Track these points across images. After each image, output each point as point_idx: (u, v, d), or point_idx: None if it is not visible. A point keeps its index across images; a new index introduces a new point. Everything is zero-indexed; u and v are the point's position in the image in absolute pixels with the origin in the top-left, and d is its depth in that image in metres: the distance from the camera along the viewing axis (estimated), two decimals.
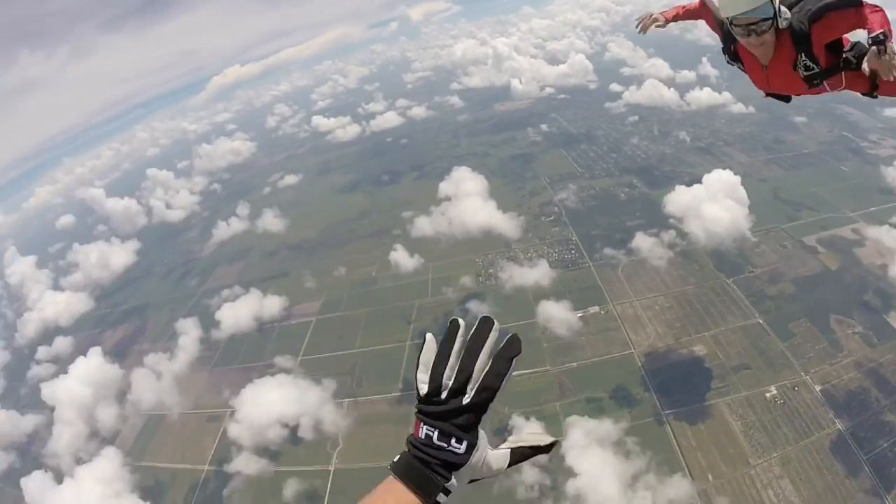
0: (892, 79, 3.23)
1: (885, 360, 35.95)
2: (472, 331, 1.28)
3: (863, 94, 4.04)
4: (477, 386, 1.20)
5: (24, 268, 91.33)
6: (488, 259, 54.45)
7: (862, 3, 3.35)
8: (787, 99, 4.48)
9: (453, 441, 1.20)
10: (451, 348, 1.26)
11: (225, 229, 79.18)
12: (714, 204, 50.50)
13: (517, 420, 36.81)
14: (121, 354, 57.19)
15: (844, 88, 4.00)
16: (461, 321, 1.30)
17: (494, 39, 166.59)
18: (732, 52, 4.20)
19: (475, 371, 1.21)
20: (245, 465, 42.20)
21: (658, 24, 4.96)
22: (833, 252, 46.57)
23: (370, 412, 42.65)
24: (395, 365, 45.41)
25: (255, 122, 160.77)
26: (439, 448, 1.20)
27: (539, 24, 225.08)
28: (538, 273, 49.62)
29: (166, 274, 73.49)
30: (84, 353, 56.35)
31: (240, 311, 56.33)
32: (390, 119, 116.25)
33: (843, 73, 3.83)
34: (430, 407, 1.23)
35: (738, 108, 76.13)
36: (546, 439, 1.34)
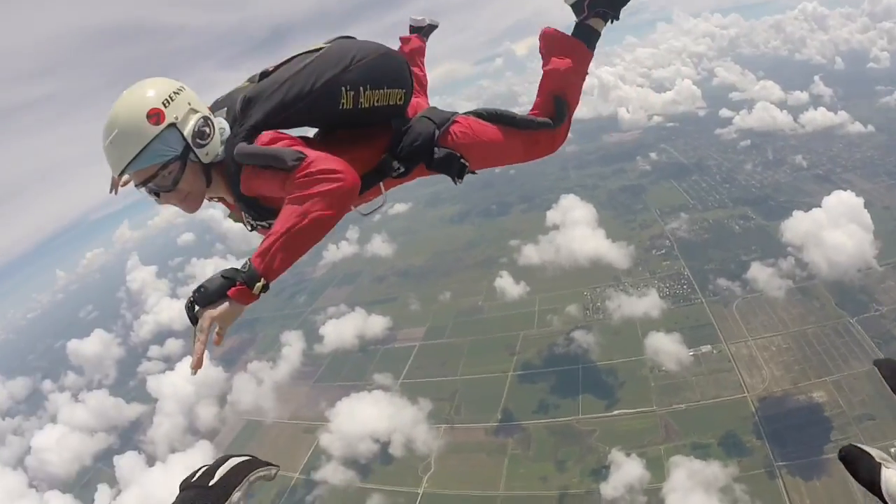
0: (192, 365, 2.07)
1: None
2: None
3: None
4: (224, 474, 1.32)
5: (145, 275, 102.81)
6: (596, 290, 53.92)
7: (287, 168, 2.20)
8: None
9: None
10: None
11: (335, 252, 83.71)
12: (836, 230, 46.76)
13: (617, 456, 35.88)
14: (228, 361, 61.28)
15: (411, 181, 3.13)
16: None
17: (599, 69, 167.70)
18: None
19: (226, 463, 1.34)
20: (333, 474, 44.07)
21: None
22: None
23: (465, 440, 42.97)
24: (495, 395, 45.75)
25: None
26: None
27: (643, 53, 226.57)
28: (648, 306, 48.44)
29: (278, 292, 78.19)
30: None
31: (344, 329, 59.72)
32: None
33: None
34: (181, 493, 1.31)
35: (857, 128, 72.09)
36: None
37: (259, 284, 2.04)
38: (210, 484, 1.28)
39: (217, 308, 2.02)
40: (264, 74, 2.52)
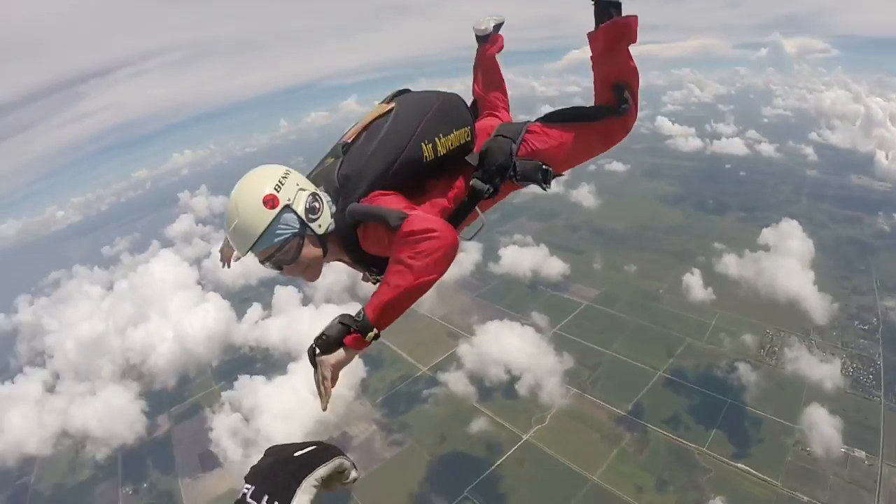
0: (322, 405, 2.40)
1: None
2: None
3: None
4: (306, 452, 1.36)
5: None
6: (780, 333, 49.11)
7: (391, 228, 2.43)
8: None
9: (265, 500, 1.26)
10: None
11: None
12: None
13: None
14: None
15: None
16: None
17: (870, 98, 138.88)
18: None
19: (311, 445, 1.39)
20: (455, 383, 47.64)
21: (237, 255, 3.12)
22: None
23: (588, 413, 43.19)
24: (635, 385, 44.91)
25: None
26: None
27: None
28: (824, 375, 43.17)
29: None
30: None
31: (522, 259, 61.57)
32: (736, 146, 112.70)
33: None
34: (258, 463, 1.35)
35: None
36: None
37: (371, 334, 2.34)
38: (295, 454, 1.32)
39: (334, 357, 2.33)
40: (345, 146, 2.81)
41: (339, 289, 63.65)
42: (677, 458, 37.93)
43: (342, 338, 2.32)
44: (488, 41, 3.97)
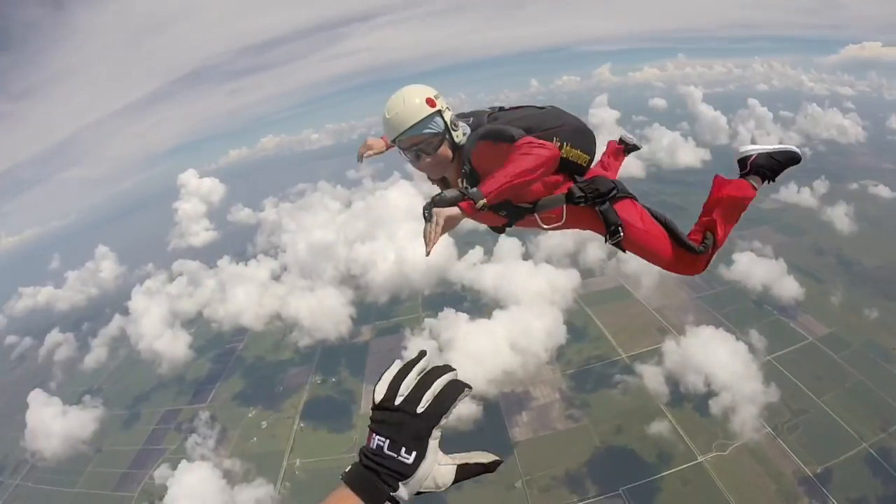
0: (427, 250, 2.75)
1: None
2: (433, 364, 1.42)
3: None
4: (431, 400, 1.32)
5: (606, 116, 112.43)
6: None
7: (513, 139, 3.04)
8: (498, 230, 3.85)
9: (402, 451, 1.29)
10: (413, 367, 1.39)
11: (790, 194, 78.20)
12: None
13: None
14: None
15: (575, 227, 3.64)
16: (428, 351, 1.44)
17: None
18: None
19: (432, 386, 1.33)
20: (648, 377, 46.76)
21: (375, 152, 4.04)
22: None
23: (774, 458, 39.19)
24: (834, 450, 39.31)
25: (874, 112, 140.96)
26: (389, 458, 1.30)
27: None
28: None
29: None
30: None
31: (755, 271, 57.47)
32: None
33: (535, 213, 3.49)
34: (383, 414, 1.34)
35: None
36: (490, 457, 1.50)
37: (482, 202, 2.76)
38: (417, 412, 1.30)
39: (447, 210, 2.73)
40: (501, 109, 3.54)
41: (560, 252, 65.90)
42: None
43: (457, 202, 2.76)
44: (625, 153, 4.67)
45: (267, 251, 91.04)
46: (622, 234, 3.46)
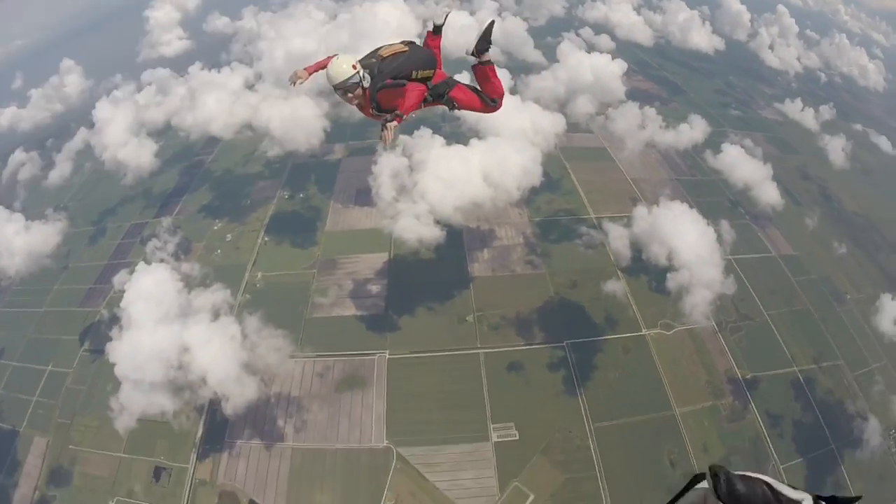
0: (384, 144, 6.89)
1: None
2: None
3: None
4: None
5: None
6: None
7: (406, 84, 6.81)
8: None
9: None
10: None
11: (791, 109, 78.39)
12: None
13: None
14: None
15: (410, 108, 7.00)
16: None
17: None
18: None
19: None
20: (615, 239, 47.54)
21: (300, 80, 7.08)
22: None
23: (712, 351, 41.18)
24: (769, 362, 41.69)
25: None
26: None
27: None
28: None
29: None
30: None
31: (742, 166, 57.88)
32: None
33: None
34: None
35: None
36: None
37: (403, 117, 6.88)
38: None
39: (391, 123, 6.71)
40: (382, 59, 6.88)
41: (549, 96, 65.94)
42: (752, 449, 36.35)
43: (392, 119, 6.66)
44: (440, 33, 7.69)
45: (242, 60, 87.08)
46: (456, 105, 7.65)
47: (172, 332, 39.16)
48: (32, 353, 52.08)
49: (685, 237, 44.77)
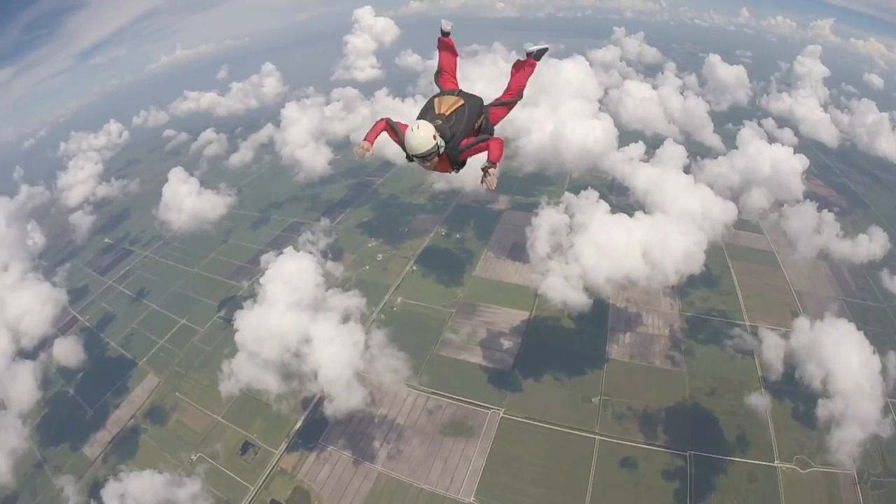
0: (490, 189, 6.34)
1: None
2: None
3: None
4: None
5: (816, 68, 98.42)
6: None
7: (489, 140, 6.53)
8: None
9: None
10: None
11: None
12: None
13: None
14: None
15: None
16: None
17: None
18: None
19: None
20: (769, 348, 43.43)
21: (368, 151, 6.99)
22: None
23: None
24: None
25: None
26: None
27: None
28: None
29: None
30: None
31: None
32: None
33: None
34: None
35: None
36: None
37: (496, 164, 6.26)
38: None
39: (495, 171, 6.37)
40: (444, 117, 6.68)
41: (722, 183, 61.54)
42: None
43: (490, 167, 6.21)
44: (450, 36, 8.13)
45: (426, 94, 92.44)
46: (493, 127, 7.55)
47: (300, 320, 40.45)
48: (173, 303, 58.84)
49: (847, 362, 38.21)
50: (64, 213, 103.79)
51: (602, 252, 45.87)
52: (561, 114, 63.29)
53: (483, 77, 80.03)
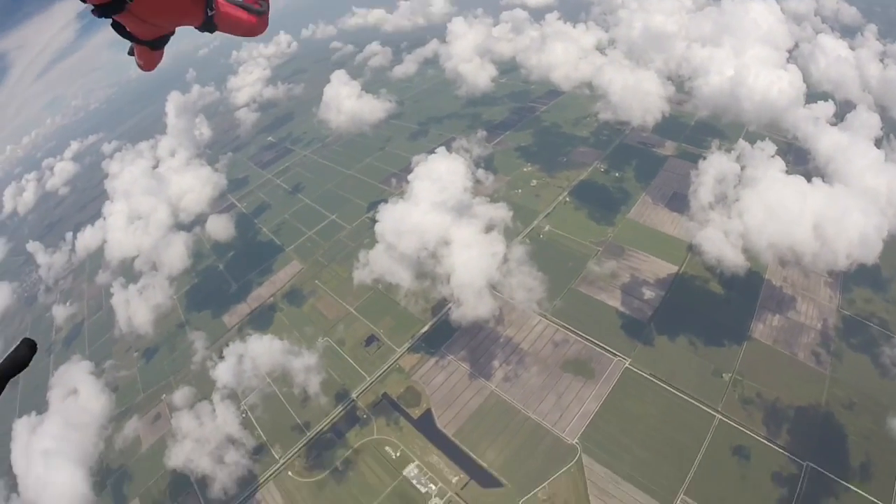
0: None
1: None
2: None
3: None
4: None
5: None
6: None
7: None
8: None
9: None
10: None
11: None
12: None
13: None
14: None
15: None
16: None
17: None
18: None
19: None
20: None
21: None
22: None
23: None
24: None
25: None
26: None
27: None
28: None
29: None
30: None
31: None
32: None
33: None
34: None
35: None
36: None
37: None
38: None
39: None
40: None
41: None
42: None
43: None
44: None
45: (598, 23, 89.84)
46: (214, 10, 4.54)
47: (442, 220, 41.49)
48: (325, 200, 64.27)
49: None
50: (231, 111, 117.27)
51: (770, 213, 42.26)
52: (745, 58, 58.28)
53: (663, 10, 75.99)
